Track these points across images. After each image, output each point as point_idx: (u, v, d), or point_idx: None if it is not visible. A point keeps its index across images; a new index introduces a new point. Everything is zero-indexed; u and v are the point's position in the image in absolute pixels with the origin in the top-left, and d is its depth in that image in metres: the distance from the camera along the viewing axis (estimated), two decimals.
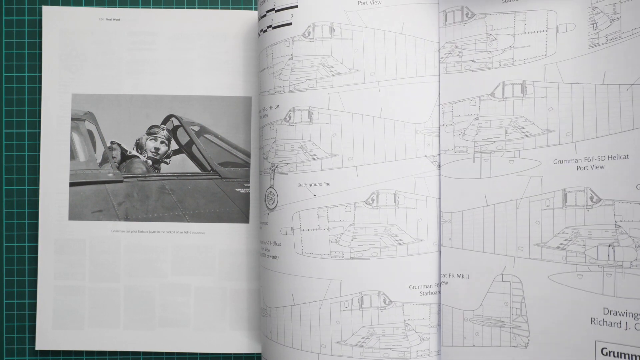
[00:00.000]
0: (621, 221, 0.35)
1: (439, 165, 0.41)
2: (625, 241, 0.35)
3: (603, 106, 0.36)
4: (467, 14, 0.40)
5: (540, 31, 0.38)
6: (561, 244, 0.37)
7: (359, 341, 0.40)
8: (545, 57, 0.38)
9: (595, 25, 0.36)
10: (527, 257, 0.38)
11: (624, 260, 0.35)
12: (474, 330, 0.40)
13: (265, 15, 0.43)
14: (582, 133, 0.37)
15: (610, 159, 0.35)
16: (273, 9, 0.42)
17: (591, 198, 0.36)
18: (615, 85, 0.35)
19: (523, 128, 0.38)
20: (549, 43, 0.38)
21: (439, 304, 0.41)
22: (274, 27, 0.42)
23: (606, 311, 0.35)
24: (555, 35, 0.38)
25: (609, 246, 0.35)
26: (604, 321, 0.35)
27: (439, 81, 0.41)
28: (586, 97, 0.37)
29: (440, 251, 0.41)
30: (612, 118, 0.36)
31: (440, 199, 0.41)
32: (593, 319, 0.36)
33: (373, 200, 0.40)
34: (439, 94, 0.41)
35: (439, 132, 0.41)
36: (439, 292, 0.41)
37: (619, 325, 0.35)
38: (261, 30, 0.43)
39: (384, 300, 0.40)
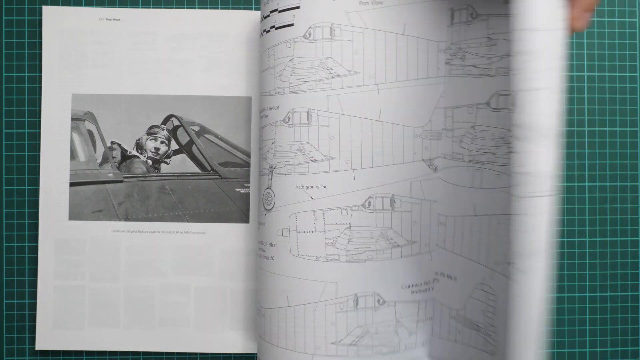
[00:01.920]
0: None
1: (436, 169, 0.41)
2: None
3: None
4: (471, 14, 0.39)
5: None
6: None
7: (354, 341, 0.40)
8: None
9: None
10: (501, 273, 0.37)
11: None
12: (456, 327, 0.40)
13: (268, 16, 0.42)
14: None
15: None
16: (276, 10, 0.42)
17: None
18: None
19: (509, 143, 0.36)
20: None
21: (426, 300, 0.42)
22: (276, 28, 0.42)
23: None
24: None
25: None
26: None
27: (444, 83, 0.40)
28: None
29: (431, 252, 0.42)
30: None
31: (436, 201, 0.41)
32: None
33: (370, 204, 0.40)
34: (442, 97, 0.40)
35: (441, 135, 0.40)
36: (428, 289, 0.42)
37: None
38: (264, 31, 0.43)
39: (378, 301, 0.41)
